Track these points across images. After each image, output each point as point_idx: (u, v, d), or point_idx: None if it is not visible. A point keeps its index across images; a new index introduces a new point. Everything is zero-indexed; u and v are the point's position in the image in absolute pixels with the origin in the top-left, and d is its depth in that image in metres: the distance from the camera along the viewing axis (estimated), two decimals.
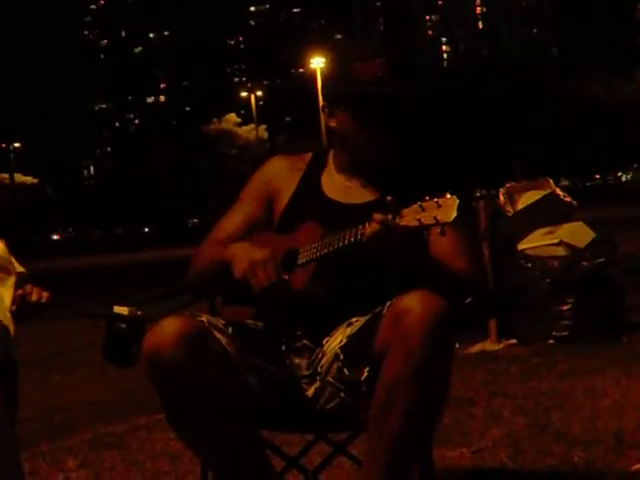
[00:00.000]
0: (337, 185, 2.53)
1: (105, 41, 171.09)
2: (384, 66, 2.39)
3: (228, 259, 2.39)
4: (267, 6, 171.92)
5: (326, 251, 2.31)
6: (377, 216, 2.14)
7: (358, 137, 2.43)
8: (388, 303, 2.18)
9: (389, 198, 2.13)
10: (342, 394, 2.26)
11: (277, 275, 2.31)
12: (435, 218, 2.06)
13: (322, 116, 2.53)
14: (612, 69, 68.56)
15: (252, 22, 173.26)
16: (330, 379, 2.28)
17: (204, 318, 2.27)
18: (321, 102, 2.56)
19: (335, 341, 2.32)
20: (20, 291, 2.70)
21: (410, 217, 2.10)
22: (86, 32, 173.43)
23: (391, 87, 2.38)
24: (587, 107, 60.86)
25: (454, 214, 2.05)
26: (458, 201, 2.06)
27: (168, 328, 2.16)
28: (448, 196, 2.07)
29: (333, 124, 2.49)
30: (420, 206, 2.09)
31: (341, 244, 2.26)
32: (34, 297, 2.70)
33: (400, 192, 2.36)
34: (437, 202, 2.07)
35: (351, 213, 2.41)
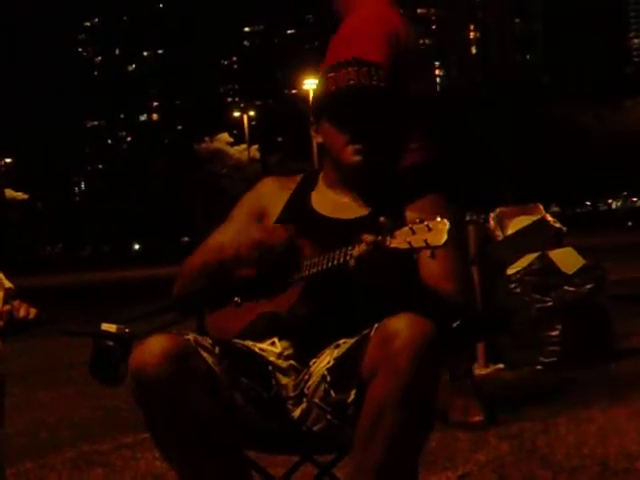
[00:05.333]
0: (327, 201, 2.54)
1: (99, 58, 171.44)
2: (355, 73, 2.45)
3: (228, 255, 2.41)
4: (261, 27, 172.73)
5: (315, 270, 2.31)
6: (367, 237, 2.14)
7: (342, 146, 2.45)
8: (375, 325, 2.18)
9: (382, 219, 2.14)
10: (328, 416, 2.26)
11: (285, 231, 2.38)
12: (425, 241, 2.07)
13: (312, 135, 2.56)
14: (602, 97, 68.89)
15: (246, 43, 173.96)
16: (317, 401, 2.28)
17: (191, 337, 2.26)
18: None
19: (322, 362, 2.31)
20: (8, 307, 2.69)
21: (400, 239, 2.10)
22: (80, 49, 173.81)
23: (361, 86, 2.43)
24: (577, 133, 61.13)
25: (444, 238, 2.06)
26: (449, 225, 2.06)
27: (154, 346, 2.16)
28: (439, 219, 2.08)
29: (320, 140, 2.52)
30: (411, 228, 2.09)
31: (330, 264, 2.27)
32: (22, 313, 2.69)
33: (390, 208, 2.38)
34: (428, 225, 2.07)
35: (341, 229, 2.43)
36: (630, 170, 60.39)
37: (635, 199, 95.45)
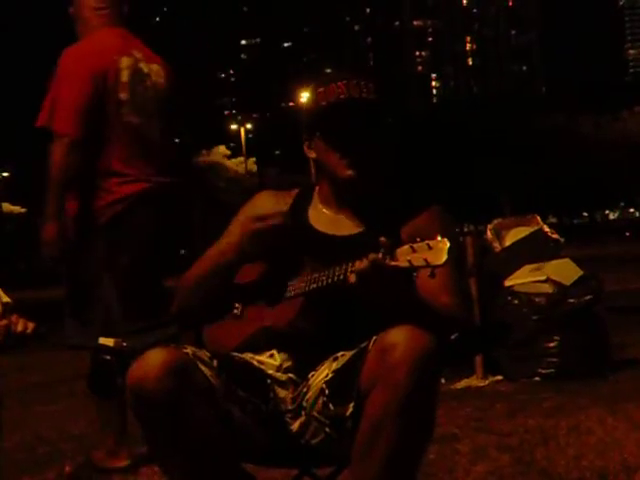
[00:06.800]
0: (324, 217, 2.54)
1: None
2: (345, 87, 2.44)
3: (231, 257, 2.42)
4: (258, 40, 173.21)
5: (315, 286, 2.31)
6: (371, 256, 2.14)
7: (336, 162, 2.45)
8: (374, 338, 2.18)
9: (383, 239, 2.14)
10: (327, 429, 2.25)
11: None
12: (426, 260, 2.07)
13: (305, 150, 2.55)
14: (599, 108, 69.01)
15: (243, 56, 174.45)
16: (315, 414, 2.28)
17: (189, 350, 2.26)
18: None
19: (321, 375, 2.31)
20: (5, 321, 2.69)
21: (401, 258, 2.10)
22: None
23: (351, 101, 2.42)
24: (574, 145, 61.23)
25: (445, 257, 2.06)
26: (449, 244, 2.06)
27: (152, 360, 2.16)
28: (439, 238, 2.08)
29: (313, 155, 2.52)
30: (411, 247, 2.10)
31: (330, 280, 2.27)
32: (19, 328, 2.69)
33: (386, 224, 2.38)
34: (428, 244, 2.08)
35: (338, 245, 2.43)
36: (627, 181, 60.51)
37: (632, 210, 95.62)
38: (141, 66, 4.07)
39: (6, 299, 2.79)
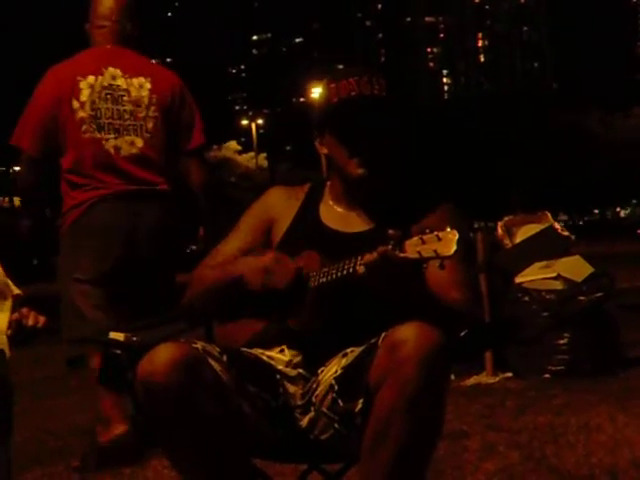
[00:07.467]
0: (335, 214, 2.54)
1: None
2: (356, 83, 2.43)
3: (237, 274, 2.42)
4: (269, 35, 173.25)
5: (324, 280, 2.31)
6: (380, 248, 2.14)
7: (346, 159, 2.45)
8: (383, 334, 2.18)
9: (391, 231, 2.13)
10: (336, 425, 2.26)
11: (295, 267, 2.35)
12: (435, 251, 2.07)
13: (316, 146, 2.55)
14: (611, 104, 68.84)
15: (254, 51, 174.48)
16: (324, 410, 2.28)
17: (199, 345, 2.26)
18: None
19: (330, 371, 2.31)
20: (16, 315, 2.70)
21: (410, 249, 2.10)
22: None
23: (361, 98, 2.41)
24: (585, 142, 61.07)
25: (454, 248, 2.05)
26: (458, 235, 2.06)
27: (162, 355, 2.16)
28: (448, 230, 2.08)
29: (325, 151, 2.52)
30: (421, 239, 2.09)
31: (340, 274, 2.27)
32: (30, 321, 2.69)
33: (397, 221, 2.37)
34: (437, 235, 2.07)
35: (349, 242, 2.43)
36: (639, 178, 60.28)
37: None
38: (118, 83, 4.18)
39: (17, 291, 2.80)
